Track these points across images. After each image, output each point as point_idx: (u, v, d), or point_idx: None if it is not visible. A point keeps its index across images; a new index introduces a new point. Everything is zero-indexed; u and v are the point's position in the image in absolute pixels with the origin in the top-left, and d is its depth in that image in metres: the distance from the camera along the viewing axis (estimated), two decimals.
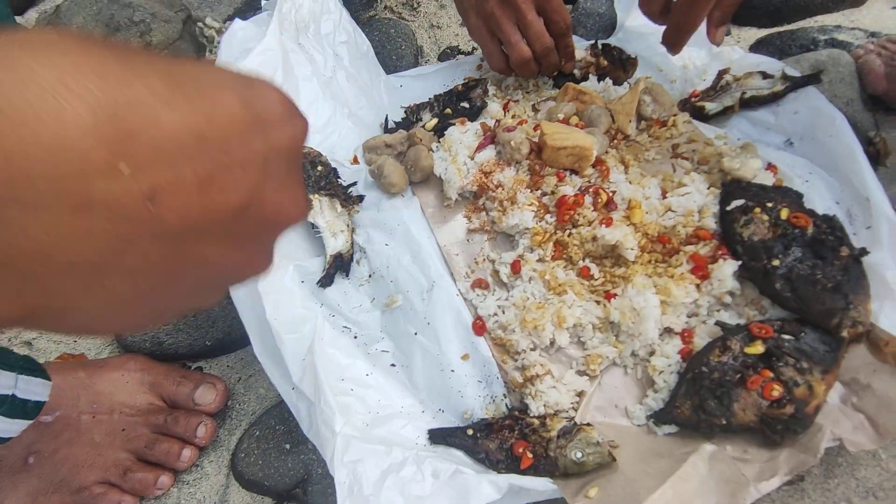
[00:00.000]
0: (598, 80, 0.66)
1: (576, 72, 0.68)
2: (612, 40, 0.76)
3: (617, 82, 0.68)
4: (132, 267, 0.17)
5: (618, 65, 0.66)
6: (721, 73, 0.71)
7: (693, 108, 0.70)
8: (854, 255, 0.46)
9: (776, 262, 0.47)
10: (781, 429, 0.42)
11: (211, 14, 1.06)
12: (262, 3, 0.68)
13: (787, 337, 0.45)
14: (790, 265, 0.46)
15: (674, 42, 0.60)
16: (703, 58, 0.77)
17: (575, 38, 0.70)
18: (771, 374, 0.44)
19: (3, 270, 0.16)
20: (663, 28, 0.72)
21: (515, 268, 0.51)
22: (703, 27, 0.59)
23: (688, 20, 0.56)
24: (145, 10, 0.88)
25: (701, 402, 0.44)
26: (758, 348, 0.45)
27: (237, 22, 0.60)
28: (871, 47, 0.78)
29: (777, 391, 0.43)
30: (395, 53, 0.85)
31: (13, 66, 0.15)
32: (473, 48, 0.93)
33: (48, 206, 0.15)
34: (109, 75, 0.16)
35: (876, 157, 0.71)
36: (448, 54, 0.93)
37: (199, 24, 0.99)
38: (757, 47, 0.92)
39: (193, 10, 1.06)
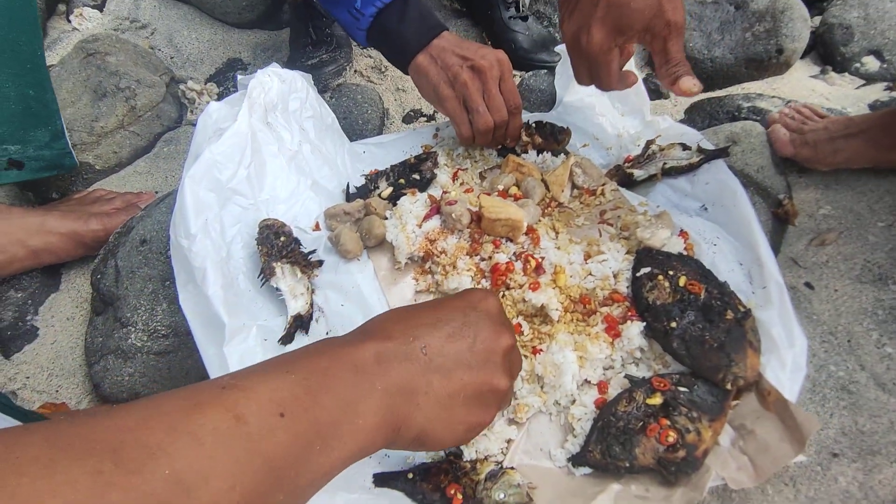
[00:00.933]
0: (537, 154, 0.75)
1: (517, 147, 0.76)
2: (552, 113, 0.86)
3: (554, 153, 0.77)
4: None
5: (550, 139, 0.74)
6: (649, 143, 0.80)
7: (624, 174, 0.78)
8: (737, 319, 0.54)
9: (674, 325, 0.54)
10: (675, 470, 0.49)
11: (193, 74, 1.15)
12: (238, 79, 0.75)
13: (682, 389, 0.52)
14: (685, 327, 0.54)
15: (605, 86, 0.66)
16: (637, 126, 0.86)
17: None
18: (668, 423, 0.51)
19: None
20: (597, 102, 0.81)
21: None
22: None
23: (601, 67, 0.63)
24: (130, 77, 0.95)
25: (608, 447, 0.51)
26: (657, 399, 0.52)
27: (212, 104, 0.67)
28: (777, 117, 0.89)
29: (672, 437, 0.50)
30: (361, 118, 0.94)
31: None
32: (434, 112, 1.02)
33: None
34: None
35: (785, 219, 0.81)
36: (412, 116, 1.02)
37: (182, 86, 1.06)
38: (691, 111, 1.03)
39: (176, 70, 1.14)
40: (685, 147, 0.78)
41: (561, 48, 0.84)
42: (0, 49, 0.73)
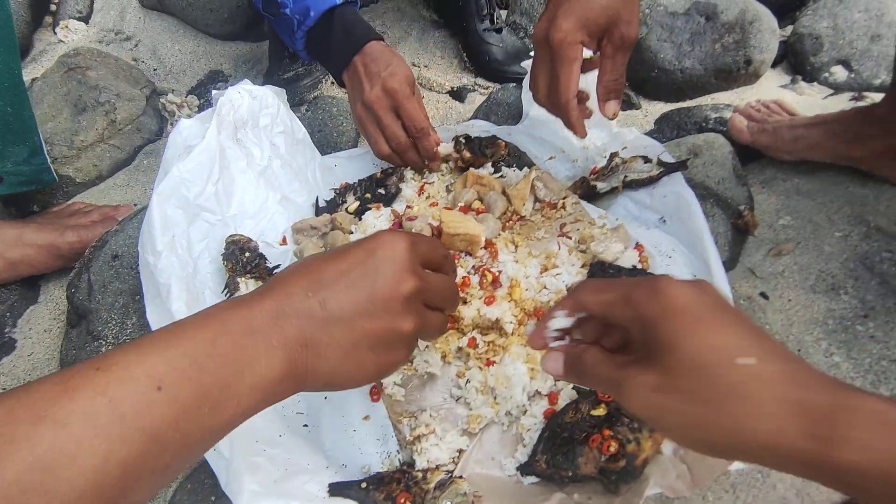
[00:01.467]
0: (494, 170, 0.77)
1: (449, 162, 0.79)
2: (519, 126, 0.88)
3: (518, 167, 0.79)
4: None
5: (478, 153, 0.77)
6: (613, 156, 0.82)
7: (588, 185, 0.80)
8: None
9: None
10: (615, 479, 0.52)
11: (175, 86, 1.17)
12: (212, 94, 0.77)
13: None
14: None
15: (569, 127, 0.68)
16: (604, 137, 0.88)
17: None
18: (610, 433, 0.53)
19: None
20: (561, 123, 0.83)
21: None
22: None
23: (556, 106, 0.65)
24: (110, 91, 0.98)
25: (552, 456, 0.53)
26: (601, 411, 0.54)
27: (183, 121, 0.69)
28: (742, 108, 0.91)
29: (613, 447, 0.52)
30: (336, 131, 0.96)
31: None
32: None
33: None
34: None
35: (745, 229, 0.83)
36: None
37: (162, 98, 1.09)
38: (660, 122, 1.05)
39: (159, 82, 1.17)
40: (646, 160, 0.80)
41: (526, 63, 0.86)
42: None
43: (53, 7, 1.38)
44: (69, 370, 0.31)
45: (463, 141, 0.76)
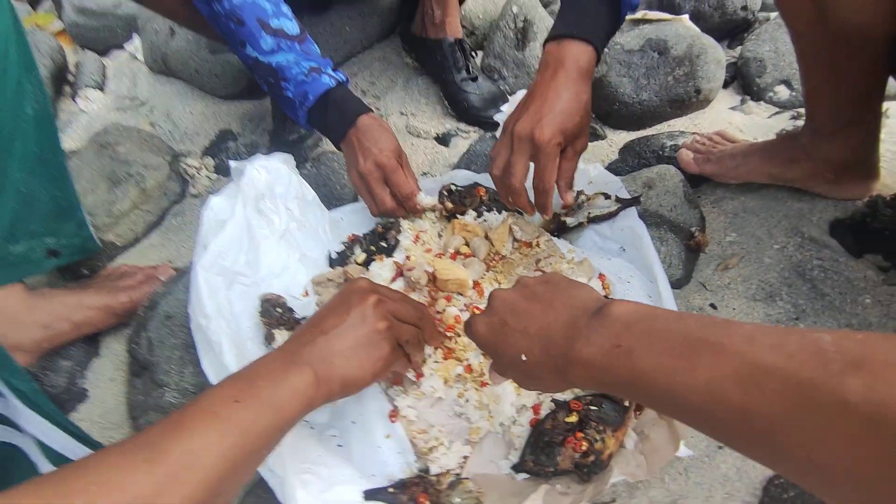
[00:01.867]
0: (477, 215, 0.91)
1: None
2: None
3: (498, 210, 0.93)
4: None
5: (459, 203, 0.91)
6: (579, 194, 0.96)
7: (558, 220, 0.94)
8: None
9: None
10: (587, 471, 0.66)
11: (190, 147, 1.30)
12: (232, 166, 0.91)
13: (592, 408, 0.68)
14: None
15: (542, 210, 0.81)
16: None
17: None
18: (582, 435, 0.67)
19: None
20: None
21: (417, 376, 0.75)
22: None
23: (542, 192, 0.78)
24: (139, 164, 1.12)
25: (537, 457, 0.67)
26: (574, 418, 0.68)
27: (213, 199, 0.82)
28: (688, 143, 1.05)
29: (584, 446, 0.66)
30: (338, 184, 1.10)
31: None
32: None
33: None
34: None
35: (697, 248, 0.96)
36: None
37: (182, 162, 1.22)
38: (623, 151, 1.18)
39: (175, 144, 1.30)
40: (606, 196, 0.94)
41: (498, 117, 0.99)
42: (33, 165, 0.89)
43: (71, 77, 1.53)
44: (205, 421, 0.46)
45: (446, 194, 0.90)
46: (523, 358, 0.49)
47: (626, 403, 0.68)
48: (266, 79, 0.88)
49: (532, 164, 0.77)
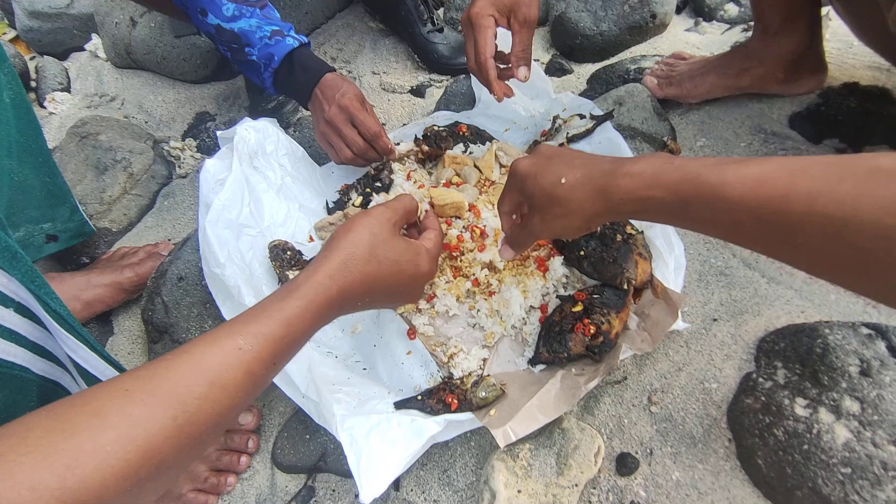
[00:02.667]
0: (464, 149, 0.95)
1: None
2: (475, 109, 1.06)
3: (481, 142, 0.97)
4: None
5: (434, 146, 0.94)
6: (555, 119, 1.01)
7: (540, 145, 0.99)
8: (624, 239, 0.76)
9: (582, 252, 0.76)
10: (598, 351, 0.71)
11: (169, 133, 1.31)
12: (218, 135, 0.93)
13: (595, 296, 0.74)
14: (590, 253, 0.75)
15: (487, 85, 0.85)
16: (546, 105, 1.07)
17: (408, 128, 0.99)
18: (588, 321, 0.72)
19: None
20: (508, 100, 1.01)
21: (429, 300, 0.79)
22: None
23: (480, 66, 0.83)
24: (123, 149, 1.13)
25: (550, 346, 0.72)
26: (579, 307, 0.73)
27: (208, 161, 0.85)
28: (654, 68, 1.11)
29: (592, 330, 0.71)
30: None
31: None
32: (383, 125, 1.21)
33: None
34: None
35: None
36: None
37: (165, 146, 1.24)
38: (591, 80, 1.23)
39: (153, 132, 1.31)
40: (582, 116, 0.99)
41: None
42: (19, 151, 0.90)
43: (34, 83, 1.51)
44: (214, 344, 0.44)
45: (421, 139, 0.94)
46: (563, 181, 0.53)
47: (625, 286, 0.73)
48: (230, 45, 0.90)
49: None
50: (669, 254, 0.79)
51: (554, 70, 1.25)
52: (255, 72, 0.92)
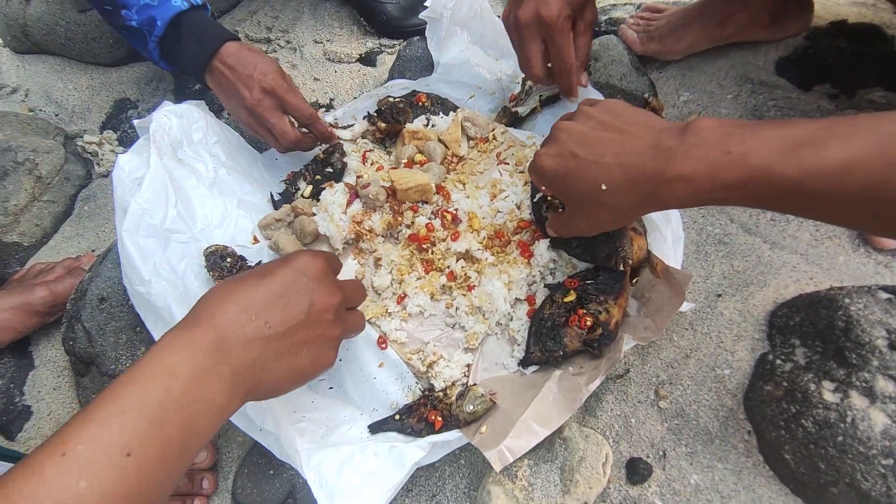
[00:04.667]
0: (426, 123, 0.83)
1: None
2: (434, 76, 0.93)
3: (444, 112, 0.85)
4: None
5: (392, 121, 0.81)
6: (524, 80, 0.90)
7: (510, 113, 0.88)
8: None
9: None
10: (597, 345, 0.62)
11: (85, 126, 1.14)
12: (135, 123, 0.78)
13: (588, 282, 0.65)
14: None
15: (568, 92, 0.76)
16: (512, 66, 0.95)
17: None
18: (584, 311, 0.63)
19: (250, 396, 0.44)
20: (471, 56, 0.88)
21: (399, 301, 0.68)
22: None
23: (563, 73, 0.72)
24: (25, 149, 0.96)
25: (543, 344, 0.63)
26: (572, 296, 0.64)
27: (121, 157, 0.71)
28: (630, 21, 1.00)
29: (589, 321, 0.62)
30: None
31: None
32: (331, 100, 1.07)
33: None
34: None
35: (654, 113, 0.93)
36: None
37: (79, 141, 1.07)
38: None
39: (66, 126, 1.14)
40: None
41: (424, 14, 0.90)
42: None
43: None
44: (35, 458, 0.32)
45: (376, 115, 0.81)
46: (603, 187, 0.47)
47: (621, 267, 0.64)
48: (102, 7, 0.75)
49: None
50: (666, 226, 0.69)
51: None
52: (140, 41, 0.76)
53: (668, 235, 0.69)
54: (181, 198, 0.72)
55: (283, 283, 0.47)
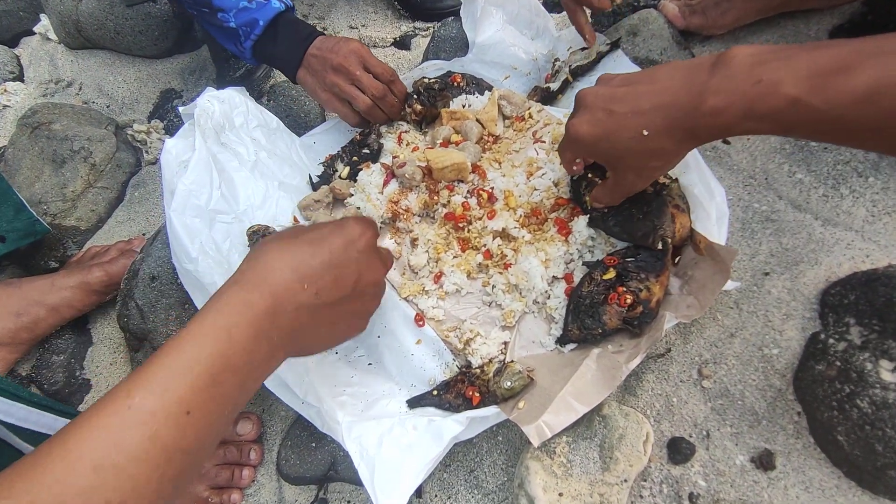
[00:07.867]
0: (464, 104, 0.82)
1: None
2: (469, 56, 0.92)
3: (480, 92, 0.84)
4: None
5: (428, 104, 0.81)
6: (554, 61, 0.88)
7: (543, 91, 0.86)
8: (656, 191, 0.64)
9: (607, 210, 0.65)
10: (638, 323, 0.61)
11: (134, 116, 1.19)
12: (180, 110, 0.81)
13: (629, 260, 0.63)
14: (616, 209, 0.64)
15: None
16: (548, 45, 0.94)
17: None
18: (623, 289, 0.62)
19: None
20: (506, 36, 0.87)
21: (436, 280, 0.69)
22: None
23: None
24: (81, 138, 1.01)
25: (582, 322, 0.62)
26: (611, 274, 0.63)
27: (168, 141, 0.73)
28: None
29: (629, 299, 0.61)
30: (302, 112, 1.00)
31: None
32: None
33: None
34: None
35: None
36: None
37: (129, 131, 1.11)
38: (598, 16, 1.09)
39: (117, 117, 1.19)
40: (584, 48, 0.86)
41: None
42: None
43: None
44: (101, 409, 0.34)
45: (415, 97, 0.81)
46: (645, 133, 0.48)
47: (660, 246, 0.62)
48: (199, 9, 0.78)
49: None
50: (710, 202, 0.67)
51: (554, 5, 1.10)
52: (234, 40, 0.80)
53: (711, 212, 0.67)
54: (225, 180, 0.74)
55: (336, 253, 0.48)
